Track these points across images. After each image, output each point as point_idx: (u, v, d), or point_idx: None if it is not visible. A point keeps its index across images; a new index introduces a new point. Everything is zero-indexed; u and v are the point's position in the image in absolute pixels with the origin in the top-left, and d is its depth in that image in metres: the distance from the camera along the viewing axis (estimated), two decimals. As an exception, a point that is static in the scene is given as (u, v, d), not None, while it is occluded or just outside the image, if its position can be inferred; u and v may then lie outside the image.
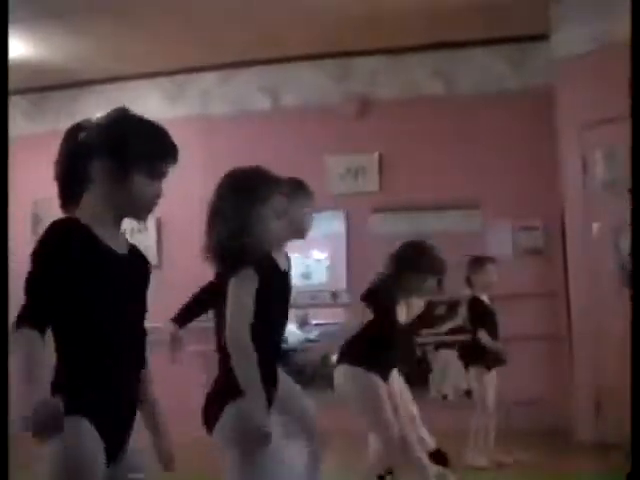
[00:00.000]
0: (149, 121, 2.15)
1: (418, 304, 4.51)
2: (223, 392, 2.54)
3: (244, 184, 2.66)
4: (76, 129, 2.12)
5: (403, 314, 4.16)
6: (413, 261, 4.12)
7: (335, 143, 7.65)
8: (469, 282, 5.69)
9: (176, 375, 7.50)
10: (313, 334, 7.37)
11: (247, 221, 2.58)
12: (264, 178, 2.69)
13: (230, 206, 2.61)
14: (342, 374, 4.03)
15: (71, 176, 2.08)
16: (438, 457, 4.65)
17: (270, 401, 2.61)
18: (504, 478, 5.39)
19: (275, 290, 2.70)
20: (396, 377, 4.48)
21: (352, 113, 7.69)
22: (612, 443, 5.54)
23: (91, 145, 2.06)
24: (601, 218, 6.27)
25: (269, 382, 2.60)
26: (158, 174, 2.11)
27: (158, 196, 2.14)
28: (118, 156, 2.04)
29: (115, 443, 2.01)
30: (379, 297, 4.05)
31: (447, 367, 7.58)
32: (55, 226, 1.97)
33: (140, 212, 2.15)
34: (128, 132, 2.08)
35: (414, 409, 4.57)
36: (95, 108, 8.42)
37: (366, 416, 4.03)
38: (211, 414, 2.56)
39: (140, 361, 2.14)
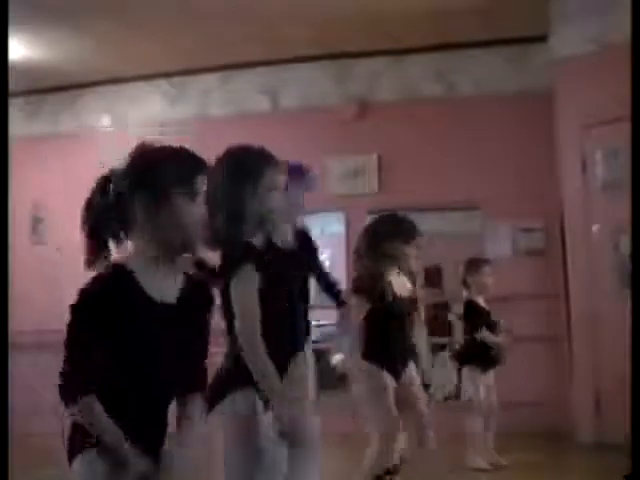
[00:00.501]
0: (170, 145, 2.14)
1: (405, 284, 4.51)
2: (231, 378, 2.55)
3: (236, 164, 2.63)
4: (104, 181, 2.07)
5: (402, 289, 4.14)
6: (382, 230, 4.10)
7: (335, 144, 7.65)
8: (465, 284, 5.71)
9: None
10: (314, 335, 7.36)
11: (243, 203, 2.56)
12: (255, 155, 2.67)
13: (223, 189, 2.56)
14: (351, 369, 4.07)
15: (107, 228, 2.03)
16: None
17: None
18: None
19: (281, 279, 2.67)
20: (414, 376, 4.52)
21: (352, 114, 7.68)
22: (612, 444, 5.53)
23: (124, 189, 2.02)
24: (601, 219, 6.26)
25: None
26: (195, 193, 2.06)
27: (203, 216, 2.07)
28: (154, 186, 2.01)
29: None
30: (364, 282, 4.04)
31: (445, 369, 7.58)
32: (97, 281, 1.96)
33: (190, 238, 2.06)
34: (156, 161, 2.06)
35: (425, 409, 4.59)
36: (94, 109, 8.46)
37: (367, 406, 4.03)
38: (215, 394, 2.55)
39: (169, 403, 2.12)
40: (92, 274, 1.99)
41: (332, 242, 7.52)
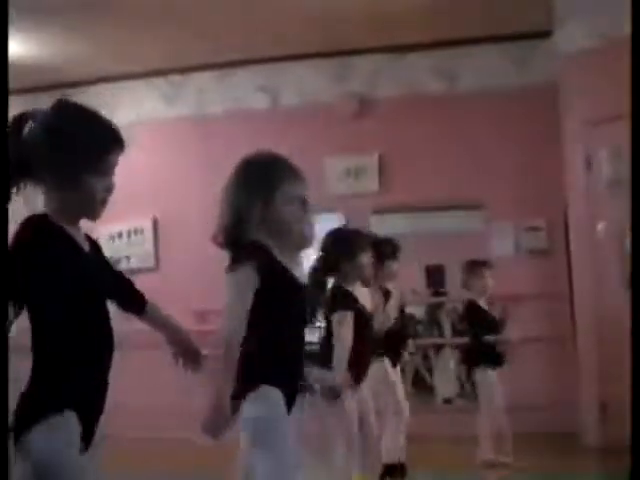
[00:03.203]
0: (89, 118, 2.08)
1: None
2: (241, 384, 2.48)
3: (253, 170, 2.59)
4: (20, 120, 2.08)
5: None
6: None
7: (334, 143, 7.57)
8: (466, 286, 5.71)
9: (174, 378, 7.42)
10: (314, 336, 7.29)
11: (252, 205, 2.51)
12: (275, 164, 2.61)
13: (236, 191, 2.55)
14: None
15: (14, 172, 2.00)
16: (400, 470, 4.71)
17: (291, 400, 2.53)
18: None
19: (286, 295, 2.59)
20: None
21: (351, 113, 7.61)
22: (618, 446, 5.45)
23: (38, 146, 2.00)
24: (606, 218, 6.19)
25: (291, 383, 2.54)
26: (106, 170, 2.05)
27: (109, 191, 2.07)
28: (65, 164, 1.98)
29: (90, 430, 2.02)
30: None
31: (448, 370, 7.54)
32: (30, 223, 1.95)
33: (92, 212, 2.08)
34: (71, 137, 2.01)
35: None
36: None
37: None
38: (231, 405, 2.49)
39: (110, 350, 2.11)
40: None
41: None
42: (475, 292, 5.66)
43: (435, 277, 7.64)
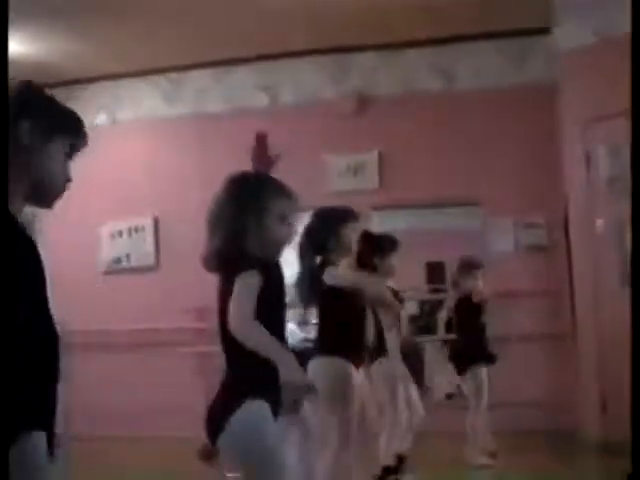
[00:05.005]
0: (54, 99, 2.05)
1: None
2: (228, 400, 2.47)
3: (243, 190, 2.59)
4: None
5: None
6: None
7: (334, 141, 7.58)
8: (455, 284, 5.72)
9: (174, 376, 7.44)
10: (313, 333, 7.30)
11: (245, 228, 2.53)
12: (264, 184, 2.62)
13: (228, 213, 2.56)
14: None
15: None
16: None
17: (277, 409, 2.52)
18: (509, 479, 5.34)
19: (276, 292, 2.62)
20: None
21: (351, 110, 7.62)
22: (617, 443, 5.47)
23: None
24: (605, 215, 6.20)
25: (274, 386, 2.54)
26: (64, 153, 1.97)
27: (67, 180, 1.99)
28: (21, 127, 1.90)
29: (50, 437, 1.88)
30: None
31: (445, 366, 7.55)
32: None
33: (45, 195, 1.97)
34: (34, 106, 1.97)
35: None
36: (92, 107, 8.39)
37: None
38: (216, 424, 2.48)
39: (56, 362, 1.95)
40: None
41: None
42: (464, 289, 5.67)
43: (435, 274, 7.65)
